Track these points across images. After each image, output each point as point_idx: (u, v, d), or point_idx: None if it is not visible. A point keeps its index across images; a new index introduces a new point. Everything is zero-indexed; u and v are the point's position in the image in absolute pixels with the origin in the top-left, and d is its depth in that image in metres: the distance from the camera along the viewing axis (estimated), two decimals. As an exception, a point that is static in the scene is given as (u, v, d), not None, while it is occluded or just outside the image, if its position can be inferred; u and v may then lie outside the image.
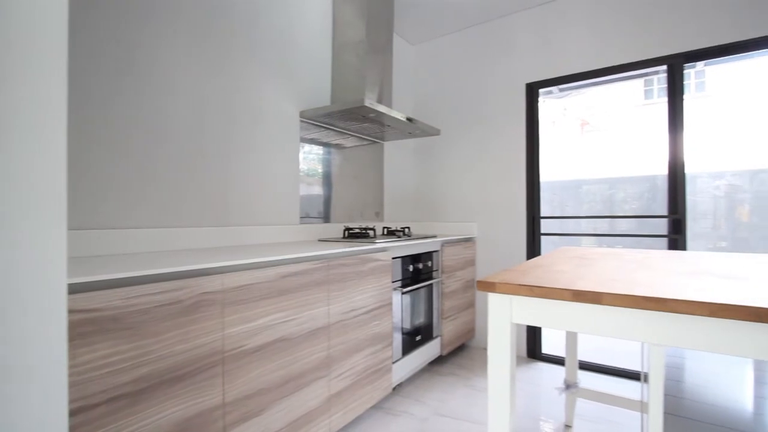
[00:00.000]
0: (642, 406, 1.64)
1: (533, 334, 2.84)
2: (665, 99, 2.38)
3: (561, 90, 3.66)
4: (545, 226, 2.86)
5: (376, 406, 2.09)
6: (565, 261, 1.33)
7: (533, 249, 2.82)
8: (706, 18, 2.24)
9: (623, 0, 2.49)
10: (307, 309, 1.55)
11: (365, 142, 2.88)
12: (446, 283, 2.64)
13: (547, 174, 2.92)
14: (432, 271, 2.54)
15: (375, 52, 2.45)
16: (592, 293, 0.77)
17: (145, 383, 1.04)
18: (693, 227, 2.83)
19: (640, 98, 4.21)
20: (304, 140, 2.35)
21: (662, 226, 2.41)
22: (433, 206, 3.30)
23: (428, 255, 2.49)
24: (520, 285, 0.84)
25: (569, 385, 1.90)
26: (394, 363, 2.12)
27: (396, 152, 3.21)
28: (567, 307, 0.81)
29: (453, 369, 2.64)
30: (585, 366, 2.60)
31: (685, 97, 2.33)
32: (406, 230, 2.60)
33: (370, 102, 2.09)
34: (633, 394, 2.01)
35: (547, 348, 2.83)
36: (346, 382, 1.75)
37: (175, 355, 1.11)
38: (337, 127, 2.54)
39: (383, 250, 2.03)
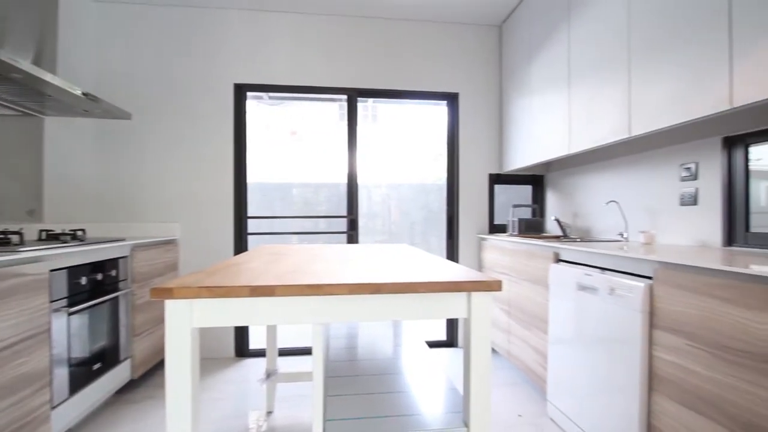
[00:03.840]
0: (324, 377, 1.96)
1: (241, 333, 2.88)
2: (346, 123, 2.96)
3: (271, 98, 3.89)
4: (254, 225, 2.95)
5: (23, 474, 1.54)
6: (260, 258, 1.41)
7: (240, 249, 2.86)
8: (369, 67, 2.96)
9: (318, 34, 2.93)
10: None
11: (9, 112, 2.07)
12: (138, 294, 2.28)
13: (260, 175, 3.02)
14: (118, 281, 2.12)
15: (25, -7, 1.80)
16: (267, 287, 0.85)
17: None
18: (366, 224, 3.66)
19: (336, 119, 5.08)
20: None
21: (344, 224, 2.98)
22: (124, 204, 2.77)
23: (112, 262, 2.07)
24: (200, 287, 0.83)
25: (270, 374, 2.04)
26: (55, 408, 1.62)
27: (66, 132, 2.48)
28: (246, 303, 0.87)
29: (149, 392, 2.30)
30: (294, 352, 2.89)
31: (362, 123, 2.98)
32: (79, 234, 2.05)
33: (12, 57, 1.52)
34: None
35: (257, 343, 2.93)
36: (-45, 459, 1.20)
37: None
38: (-54, 82, 1.70)
39: (33, 260, 1.52)
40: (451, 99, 3.09)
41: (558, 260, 2.01)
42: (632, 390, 1.44)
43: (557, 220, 2.63)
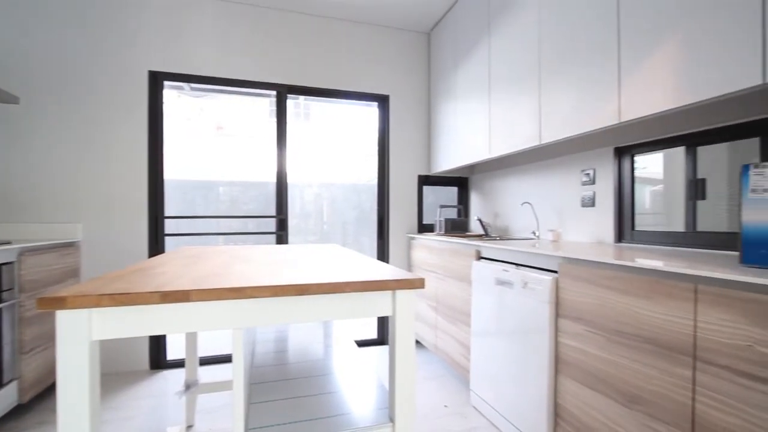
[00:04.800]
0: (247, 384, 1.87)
1: (156, 343, 2.65)
2: (276, 120, 2.87)
3: (193, 89, 3.62)
4: (173, 226, 2.73)
5: None
6: (176, 261, 1.31)
7: (157, 252, 2.63)
8: (303, 63, 2.90)
9: (247, 25, 2.79)
10: None
11: None
12: (28, 305, 1.99)
13: (181, 172, 2.80)
14: (1, 291, 1.83)
15: None
16: (181, 292, 0.79)
17: None
18: (298, 224, 3.57)
19: (266, 114, 4.88)
20: None
21: (274, 224, 2.88)
22: (10, 202, 2.39)
23: (-7, 270, 1.78)
24: (101, 295, 0.74)
25: (189, 386, 1.90)
26: None
27: (-71, 117, 2.08)
28: (156, 311, 0.80)
29: (42, 417, 2.02)
30: (219, 360, 2.73)
31: (294, 121, 2.90)
32: (-53, 237, 1.74)
33: None
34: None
35: (177, 353, 2.72)
36: None
37: None
38: None
39: None
40: (382, 101, 3.14)
41: (480, 257, 2.14)
42: (542, 374, 1.59)
43: (480, 220, 2.80)
